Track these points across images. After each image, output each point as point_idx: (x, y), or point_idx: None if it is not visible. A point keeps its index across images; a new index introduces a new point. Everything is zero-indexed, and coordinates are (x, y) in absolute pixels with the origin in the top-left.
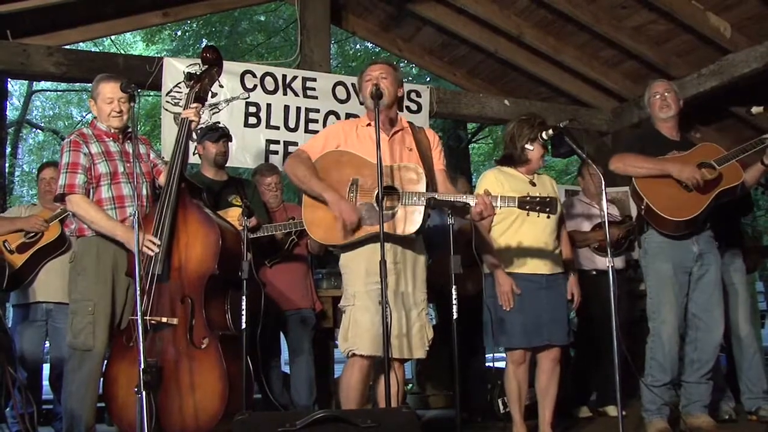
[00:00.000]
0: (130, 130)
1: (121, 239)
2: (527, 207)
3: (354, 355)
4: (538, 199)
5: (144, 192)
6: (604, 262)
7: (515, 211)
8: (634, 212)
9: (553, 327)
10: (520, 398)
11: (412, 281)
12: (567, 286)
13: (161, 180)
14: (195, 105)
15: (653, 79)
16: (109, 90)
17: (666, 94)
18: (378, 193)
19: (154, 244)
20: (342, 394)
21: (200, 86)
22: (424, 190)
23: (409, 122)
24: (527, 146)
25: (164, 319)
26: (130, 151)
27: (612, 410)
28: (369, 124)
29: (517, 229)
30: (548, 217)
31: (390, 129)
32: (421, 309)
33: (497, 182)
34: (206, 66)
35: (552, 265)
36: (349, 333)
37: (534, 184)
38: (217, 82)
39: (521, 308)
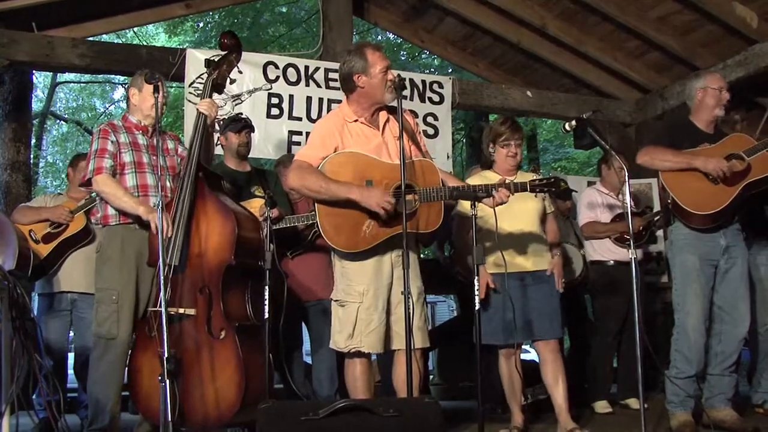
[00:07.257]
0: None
1: (144, 217)
2: (537, 189)
3: (360, 353)
4: (544, 181)
5: (167, 184)
6: (624, 254)
7: (495, 211)
8: (655, 204)
9: (541, 323)
10: (513, 389)
11: (414, 272)
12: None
13: None
14: (208, 100)
15: (703, 70)
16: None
17: (727, 92)
18: (396, 190)
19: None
20: (350, 388)
21: (218, 73)
22: (440, 184)
23: (386, 107)
24: (489, 149)
25: (181, 310)
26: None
27: (634, 403)
28: (356, 120)
29: (498, 228)
30: (546, 195)
31: (380, 123)
32: (423, 298)
33: None
34: (225, 52)
35: (537, 261)
36: (355, 331)
37: None
38: (236, 68)
39: (503, 306)
